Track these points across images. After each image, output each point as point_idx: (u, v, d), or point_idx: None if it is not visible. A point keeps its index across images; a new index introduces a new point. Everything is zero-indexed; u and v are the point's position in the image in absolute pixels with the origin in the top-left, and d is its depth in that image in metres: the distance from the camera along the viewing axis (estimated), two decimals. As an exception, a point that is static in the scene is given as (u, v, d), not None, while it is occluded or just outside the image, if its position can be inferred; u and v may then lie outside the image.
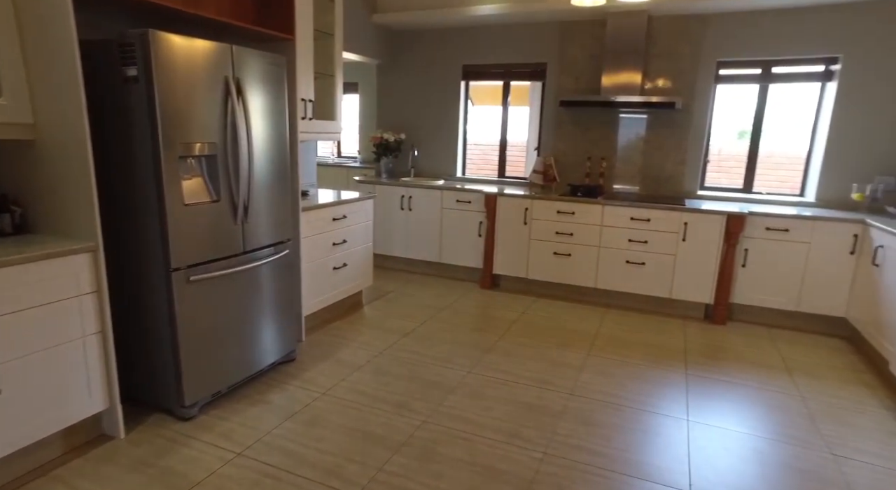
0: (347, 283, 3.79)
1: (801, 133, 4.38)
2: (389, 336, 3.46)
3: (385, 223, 5.04)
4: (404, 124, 5.44)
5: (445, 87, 5.20)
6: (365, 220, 3.90)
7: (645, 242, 4.01)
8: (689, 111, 4.30)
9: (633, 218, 4.01)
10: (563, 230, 4.25)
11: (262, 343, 2.74)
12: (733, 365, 3.20)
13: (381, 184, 4.99)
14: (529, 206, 4.32)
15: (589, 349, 3.36)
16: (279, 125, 2.67)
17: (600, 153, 4.63)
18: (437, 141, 5.34)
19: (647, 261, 4.03)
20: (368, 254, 4.00)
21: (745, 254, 3.82)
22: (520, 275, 4.48)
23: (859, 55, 3.84)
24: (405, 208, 4.92)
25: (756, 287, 3.84)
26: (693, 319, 3.99)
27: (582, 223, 4.18)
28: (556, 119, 4.74)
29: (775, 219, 3.72)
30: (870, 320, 3.29)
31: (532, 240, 4.37)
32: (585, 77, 4.57)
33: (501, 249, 4.50)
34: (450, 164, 5.33)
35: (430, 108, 5.31)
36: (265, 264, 2.67)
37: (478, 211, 4.60)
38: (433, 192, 4.77)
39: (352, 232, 3.74)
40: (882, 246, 3.24)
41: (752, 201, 4.28)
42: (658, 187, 4.49)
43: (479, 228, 4.63)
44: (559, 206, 4.22)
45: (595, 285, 4.23)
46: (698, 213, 3.84)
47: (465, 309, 4.06)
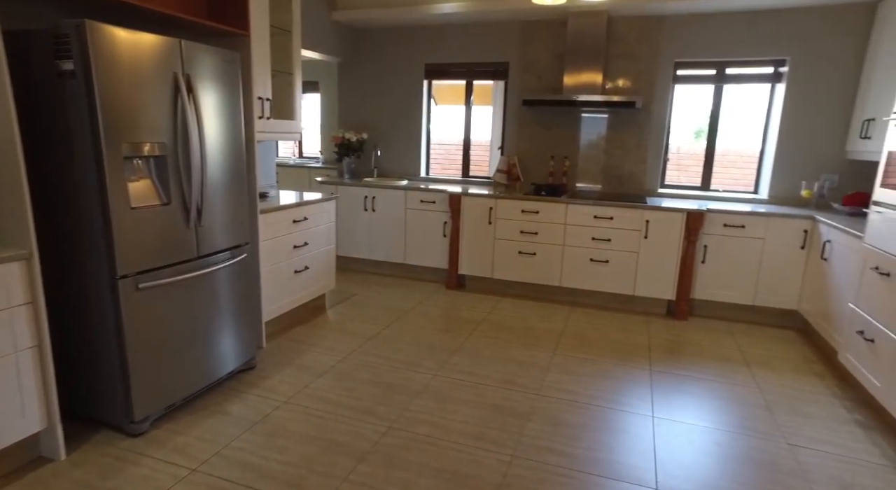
0: (309, 287, 3.69)
1: (754, 132, 4.52)
2: (353, 340, 3.39)
3: (348, 224, 4.95)
4: (366, 124, 5.35)
5: (408, 86, 5.14)
6: (327, 222, 3.81)
7: (608, 241, 4.05)
8: (648, 111, 4.37)
9: (596, 216, 4.05)
10: (527, 229, 4.25)
11: (220, 351, 2.62)
12: (695, 360, 3.25)
13: (344, 184, 4.90)
14: (494, 205, 4.31)
15: (555, 348, 3.36)
16: (234, 124, 2.57)
17: (563, 152, 4.66)
18: (399, 141, 5.28)
19: (610, 259, 4.07)
20: (331, 256, 3.91)
21: (705, 250, 3.90)
22: (485, 275, 4.46)
23: (804, 58, 3.98)
24: (368, 209, 4.84)
25: (715, 282, 3.93)
26: (656, 316, 4.05)
27: (546, 222, 4.19)
28: (520, 118, 4.75)
29: (732, 215, 3.81)
30: (819, 312, 3.41)
31: (497, 239, 4.36)
32: (548, 76, 4.59)
33: (466, 249, 4.48)
34: (413, 163, 5.28)
35: (392, 107, 5.24)
36: (221, 269, 2.56)
37: (442, 211, 4.57)
38: (397, 192, 4.71)
39: (313, 234, 3.65)
40: (829, 241, 3.36)
41: (710, 199, 4.38)
42: (620, 186, 4.55)
43: (444, 229, 4.59)
44: (523, 206, 4.23)
45: (560, 284, 4.25)
46: (659, 210, 3.90)
47: (431, 310, 4.02)
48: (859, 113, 3.79)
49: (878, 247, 2.69)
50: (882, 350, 2.53)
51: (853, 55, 3.87)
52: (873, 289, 2.68)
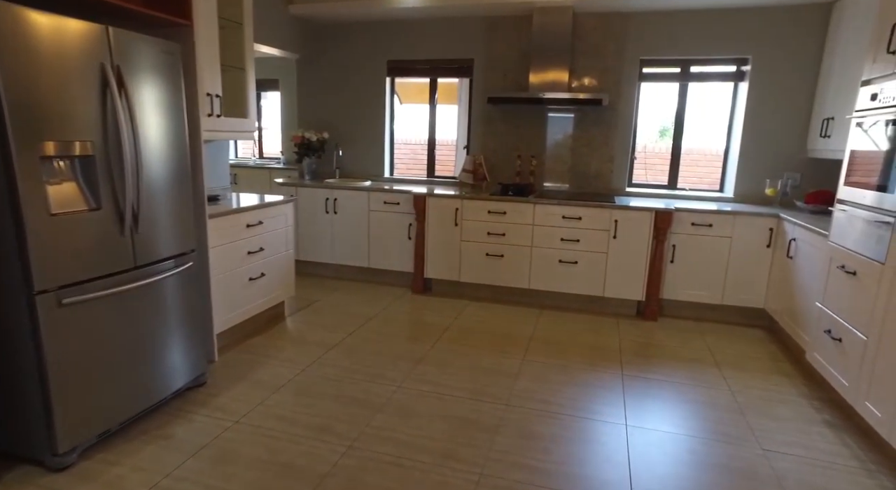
0: (266, 295, 3.48)
1: (719, 131, 4.52)
2: (314, 350, 3.20)
3: (309, 227, 4.74)
4: (327, 123, 5.15)
5: (370, 84, 4.96)
6: (284, 226, 3.61)
7: (577, 241, 3.97)
8: (615, 109, 4.32)
9: (564, 216, 3.96)
10: (494, 230, 4.14)
11: (164, 369, 2.41)
12: (667, 362, 3.19)
13: (304, 186, 4.69)
14: (460, 206, 4.18)
15: (524, 354, 3.25)
16: (175, 122, 2.36)
17: (530, 151, 4.57)
18: (362, 140, 5.09)
19: (579, 259, 4.00)
20: (289, 261, 3.71)
21: (673, 250, 3.86)
22: (452, 278, 4.33)
23: (766, 56, 3.99)
24: (330, 211, 4.64)
25: (684, 282, 3.90)
26: (626, 317, 4.00)
27: (513, 223, 4.09)
28: (485, 117, 4.63)
29: (700, 214, 3.78)
30: (785, 310, 3.40)
31: (463, 241, 4.23)
32: (513, 74, 4.49)
33: (432, 252, 4.33)
34: (377, 164, 5.10)
35: (354, 105, 5.05)
36: (163, 279, 2.35)
37: (407, 212, 4.41)
38: (359, 193, 4.53)
39: (270, 239, 3.44)
40: (794, 239, 3.35)
41: (677, 197, 4.35)
42: (587, 185, 4.49)
43: (409, 231, 4.44)
44: (490, 206, 4.11)
45: (528, 286, 4.15)
46: (628, 210, 3.84)
47: (396, 316, 3.86)
48: (819, 112, 3.81)
49: (843, 245, 2.67)
50: (849, 349, 2.51)
51: (812, 54, 3.89)
52: (839, 287, 2.66)
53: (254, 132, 3.55)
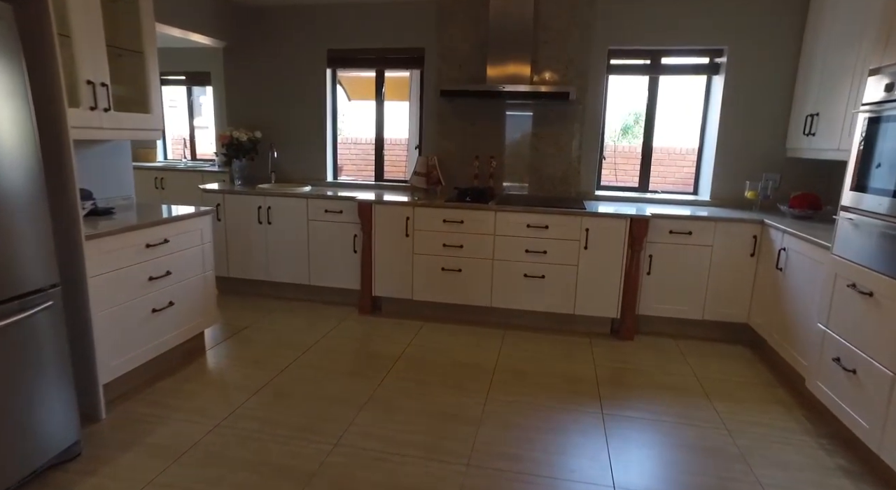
0: (178, 327, 2.87)
1: (690, 128, 4.18)
2: (234, 396, 2.63)
3: (240, 240, 4.12)
4: (261, 120, 4.54)
5: (308, 76, 4.38)
6: (201, 242, 3.01)
7: (544, 253, 3.52)
8: (582, 103, 3.90)
9: (529, 225, 3.51)
10: (451, 242, 3.65)
11: (7, 446, 1.80)
12: (651, 394, 2.78)
13: (232, 193, 4.07)
14: (411, 214, 3.67)
15: (487, 390, 2.77)
16: (16, 114, 1.75)
17: (489, 151, 4.10)
18: (301, 140, 4.51)
19: (547, 273, 3.55)
20: (209, 285, 3.11)
21: (650, 261, 3.47)
22: (404, 296, 3.81)
23: (742, 48, 3.65)
24: (264, 221, 4.04)
25: (661, 296, 3.51)
26: (600, 336, 3.58)
27: (472, 233, 3.60)
28: (439, 113, 4.13)
29: (678, 221, 3.40)
30: (774, 327, 3.05)
31: (416, 254, 3.72)
32: (469, 65, 4.01)
33: (381, 267, 3.80)
34: (318, 166, 4.53)
35: (290, 100, 4.46)
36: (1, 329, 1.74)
37: (351, 222, 3.86)
38: (296, 200, 3.95)
39: (180, 259, 2.83)
40: (786, 249, 3.00)
41: (649, 201, 3.98)
42: (553, 188, 4.05)
43: (355, 243, 3.89)
44: (445, 214, 3.62)
45: (490, 304, 3.68)
46: (600, 217, 3.42)
47: (339, 344, 3.32)
48: (800, 107, 3.50)
49: (851, 259, 2.31)
50: (868, 384, 2.14)
51: (792, 45, 3.58)
52: (850, 309, 2.30)
53: (158, 131, 2.93)
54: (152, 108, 2.88)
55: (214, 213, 3.43)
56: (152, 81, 2.87)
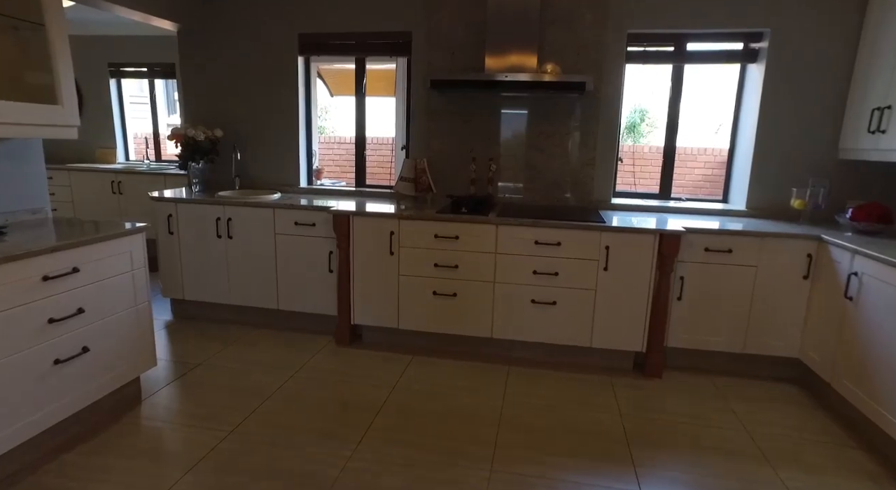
0: (95, 378, 2.26)
1: (720, 125, 3.61)
2: (166, 471, 2.02)
3: (195, 258, 3.51)
4: (222, 116, 3.92)
5: (277, 65, 3.77)
6: (131, 268, 2.39)
7: (555, 275, 2.94)
8: (597, 97, 3.32)
9: (538, 241, 2.92)
10: (444, 261, 3.06)
11: None
12: (695, 456, 2.21)
13: (185, 202, 3.45)
14: (397, 228, 3.07)
15: (491, 457, 2.19)
16: None
17: (487, 153, 3.51)
18: (270, 140, 3.89)
19: (559, 299, 2.97)
20: (143, 319, 2.49)
21: (681, 284, 2.90)
22: (389, 324, 3.21)
23: (788, 30, 3.10)
24: (223, 235, 3.43)
25: (694, 325, 2.94)
26: (621, 373, 3.00)
27: (470, 250, 3.01)
28: (429, 109, 3.54)
29: (716, 237, 2.83)
30: (842, 369, 2.50)
31: (403, 275, 3.13)
32: (464, 52, 3.42)
33: (361, 290, 3.21)
34: (289, 170, 3.92)
35: (256, 93, 3.85)
36: None
37: (326, 237, 3.26)
38: (261, 210, 3.34)
39: (97, 292, 2.22)
40: (858, 274, 2.44)
41: (673, 211, 3.41)
42: (563, 196, 3.47)
43: (330, 261, 3.29)
44: (437, 228, 3.02)
45: (491, 335, 3.09)
46: (623, 232, 2.84)
47: (309, 388, 2.72)
48: (861, 100, 2.95)
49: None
50: None
51: (850, 26, 3.02)
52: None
53: (72, 128, 2.32)
54: (63, 98, 2.26)
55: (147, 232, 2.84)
56: (61, 63, 2.25)
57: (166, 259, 3.55)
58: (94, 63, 5.88)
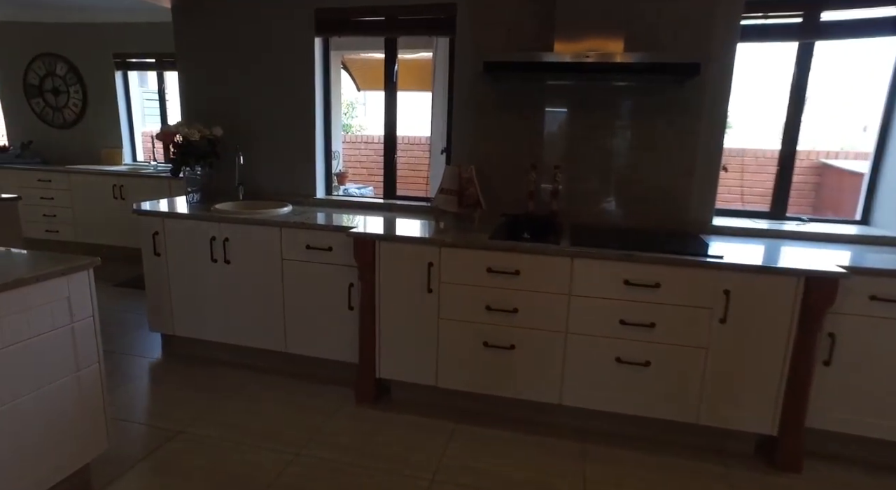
0: (18, 478, 1.59)
1: (856, 120, 2.77)
2: None
3: (186, 285, 2.84)
4: (223, 111, 3.25)
5: (289, 48, 3.08)
6: (69, 321, 1.72)
7: (650, 326, 2.16)
8: (701, 84, 2.52)
9: (629, 282, 2.15)
10: (499, 302, 2.31)
11: None
12: None
13: (174, 217, 2.79)
14: (437, 258, 2.34)
15: None
16: None
17: (552, 158, 2.74)
18: (280, 140, 3.20)
19: (655, 358, 2.19)
20: (88, 387, 1.82)
21: (831, 343, 2.09)
22: (425, 381, 2.48)
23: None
24: (219, 259, 2.75)
25: (849, 401, 2.13)
26: (740, 461, 2.20)
27: (534, 290, 2.26)
28: (477, 102, 2.78)
29: (889, 280, 2.01)
30: None
31: (444, 319, 2.39)
32: (523, 29, 2.65)
33: (390, 335, 2.48)
34: (305, 177, 3.22)
35: (264, 83, 3.16)
36: None
37: (346, 265, 2.55)
38: (264, 230, 2.65)
39: (10, 362, 1.54)
40: None
41: (794, 237, 2.58)
42: (649, 215, 2.68)
43: (350, 295, 2.58)
44: (491, 259, 2.27)
45: (560, 401, 2.33)
46: (752, 273, 2.04)
47: (318, 479, 2.00)
48: None
49: None
50: None
51: None
52: None
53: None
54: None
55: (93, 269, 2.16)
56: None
57: (153, 286, 2.90)
58: (97, 53, 5.32)
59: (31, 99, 5.60)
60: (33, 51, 5.46)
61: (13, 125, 5.75)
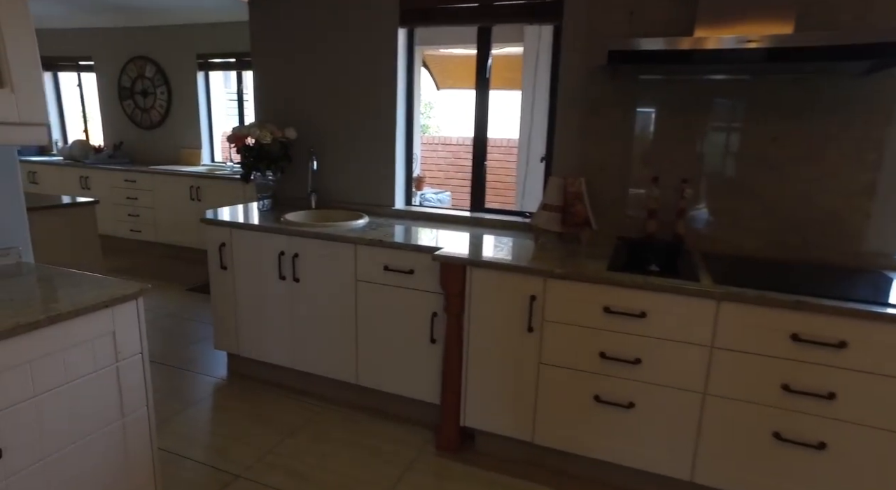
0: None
1: None
2: None
3: (253, 303, 2.60)
4: (298, 112, 2.99)
5: (369, 41, 2.76)
6: (114, 360, 1.45)
7: (828, 398, 1.64)
8: (887, 80, 1.94)
9: (799, 337, 1.63)
10: (618, 350, 1.86)
11: None
12: None
13: (242, 228, 2.54)
14: (541, 290, 1.92)
15: None
16: None
17: (679, 170, 2.25)
18: (357, 144, 2.90)
19: (833, 439, 1.66)
20: (135, 439, 1.55)
21: None
22: (519, 435, 2.07)
23: None
24: (287, 276, 2.48)
25: None
26: None
27: (664, 338, 1.79)
28: (590, 100, 2.33)
29: None
30: None
31: (546, 365, 1.97)
32: (649, 13, 2.17)
33: (479, 378, 2.09)
34: (382, 184, 2.90)
35: (341, 80, 2.86)
36: None
37: (429, 291, 2.19)
38: (338, 246, 2.34)
39: (36, 415, 1.29)
40: None
41: None
42: (807, 245, 2.12)
43: (433, 326, 2.22)
44: (610, 296, 1.83)
45: (691, 478, 1.85)
46: None
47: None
48: None
49: None
50: None
51: None
52: None
53: (29, 127, 1.41)
54: (13, 79, 1.35)
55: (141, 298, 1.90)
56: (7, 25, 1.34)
57: (219, 302, 2.68)
58: (182, 55, 5.32)
59: (123, 101, 5.71)
60: (127, 54, 5.57)
61: (108, 127, 5.91)
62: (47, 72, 6.13)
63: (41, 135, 1.45)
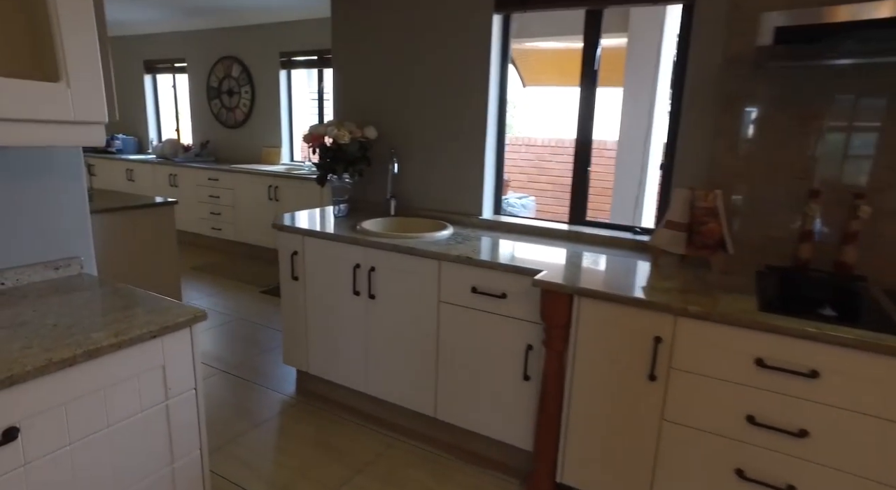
0: None
1: None
2: None
3: (324, 319, 2.38)
4: (377, 111, 2.75)
5: (458, 30, 2.46)
6: (164, 398, 1.24)
7: None
8: None
9: None
10: (773, 415, 1.44)
11: None
12: None
13: (315, 236, 2.32)
14: (669, 332, 1.54)
15: None
16: None
17: (847, 183, 1.77)
18: (442, 146, 2.61)
19: None
20: (187, 484, 1.34)
21: None
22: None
23: None
24: (362, 292, 2.23)
25: None
26: None
27: (840, 407, 1.36)
28: (728, 96, 1.91)
29: None
30: None
31: (671, 423, 1.59)
32: (818, -18, 1.72)
33: (581, 428, 1.74)
34: (469, 190, 2.59)
35: (426, 75, 2.59)
36: None
37: (524, 320, 1.86)
38: (419, 261, 2.06)
39: (66, 464, 1.09)
40: None
41: None
42: None
43: (527, 361, 1.89)
44: (763, 344, 1.42)
45: None
46: None
47: None
48: None
49: None
50: None
51: None
52: None
53: (90, 125, 1.22)
54: (69, 72, 1.17)
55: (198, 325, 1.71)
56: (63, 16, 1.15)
57: (290, 315, 2.49)
58: (266, 53, 5.30)
59: (210, 100, 5.81)
60: (216, 55, 5.64)
61: (196, 126, 6.04)
62: (147, 75, 6.36)
63: (99, 135, 1.27)
